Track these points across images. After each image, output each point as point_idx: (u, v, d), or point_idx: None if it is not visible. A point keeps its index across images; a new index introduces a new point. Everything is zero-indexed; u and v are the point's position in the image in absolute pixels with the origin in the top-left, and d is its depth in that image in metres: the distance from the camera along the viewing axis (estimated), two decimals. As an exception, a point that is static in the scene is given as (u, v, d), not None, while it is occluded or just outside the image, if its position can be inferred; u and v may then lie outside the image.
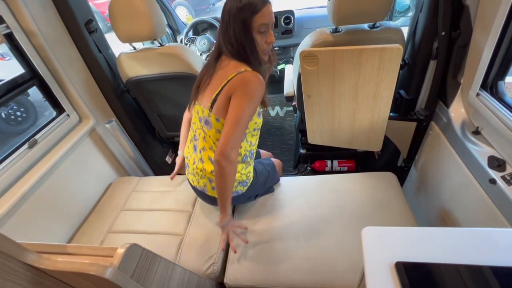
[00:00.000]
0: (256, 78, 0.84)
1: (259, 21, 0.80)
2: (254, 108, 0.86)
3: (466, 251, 0.51)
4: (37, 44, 1.11)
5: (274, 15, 0.84)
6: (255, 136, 1.04)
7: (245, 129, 0.87)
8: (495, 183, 0.81)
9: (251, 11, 0.79)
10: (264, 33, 0.84)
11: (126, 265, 0.50)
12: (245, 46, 0.84)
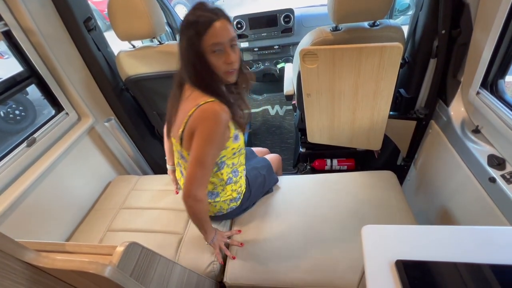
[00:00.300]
0: (213, 112, 0.76)
1: (208, 42, 0.72)
2: (216, 145, 0.80)
3: (465, 250, 0.51)
4: (35, 42, 1.10)
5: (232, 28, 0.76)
6: (237, 156, 0.98)
7: (210, 167, 0.81)
8: (494, 182, 0.81)
9: (198, 32, 0.71)
10: (219, 53, 0.75)
11: (126, 263, 0.49)
12: (200, 71, 0.77)
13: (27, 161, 1.09)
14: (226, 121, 0.79)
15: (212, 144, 0.78)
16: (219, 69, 0.77)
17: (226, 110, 0.78)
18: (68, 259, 0.45)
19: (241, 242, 1.03)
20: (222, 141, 0.82)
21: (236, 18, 2.15)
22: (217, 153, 0.83)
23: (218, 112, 0.76)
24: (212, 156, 0.80)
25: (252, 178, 1.12)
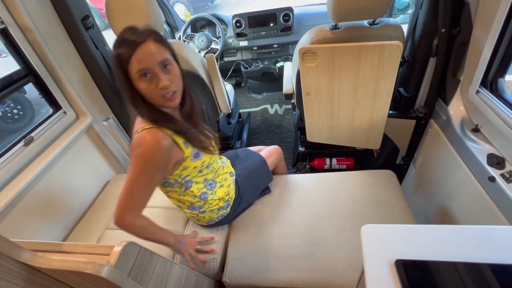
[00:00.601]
0: (144, 141, 0.73)
1: (135, 68, 0.68)
2: (148, 174, 0.75)
3: (465, 249, 0.51)
4: (32, 40, 1.09)
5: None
6: (209, 171, 0.94)
7: (142, 194, 0.77)
8: (494, 181, 0.80)
9: (122, 58, 0.68)
10: (150, 78, 0.70)
11: (123, 263, 0.49)
12: (133, 100, 0.73)
13: (25, 160, 1.08)
14: (162, 149, 0.74)
15: (141, 173, 0.74)
16: (154, 95, 0.72)
17: (163, 137, 0.74)
18: (64, 259, 0.44)
19: (212, 249, 1.00)
20: (157, 168, 0.76)
21: (235, 17, 2.14)
22: (153, 179, 0.78)
23: (150, 141, 0.73)
24: (143, 183, 0.76)
25: (243, 182, 1.10)
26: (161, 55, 0.70)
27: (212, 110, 1.47)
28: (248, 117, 2.30)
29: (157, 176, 0.78)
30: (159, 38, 0.72)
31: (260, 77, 2.48)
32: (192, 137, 0.83)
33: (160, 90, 0.71)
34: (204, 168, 0.91)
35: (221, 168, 1.03)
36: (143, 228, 0.81)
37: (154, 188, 0.80)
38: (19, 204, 1.02)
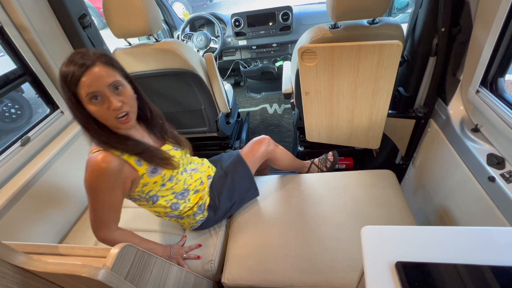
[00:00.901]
0: (92, 165, 0.74)
1: (84, 91, 0.67)
2: (103, 195, 0.76)
3: (466, 251, 0.50)
4: (29, 39, 1.08)
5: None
6: (173, 183, 0.92)
7: (106, 211, 0.79)
8: (494, 181, 0.80)
9: (71, 82, 0.67)
10: (101, 101, 0.69)
11: (120, 266, 0.48)
12: (83, 121, 0.73)
13: (21, 160, 1.07)
14: (107, 173, 0.74)
15: (95, 196, 0.76)
16: (107, 117, 0.72)
17: (110, 160, 0.74)
18: (60, 262, 0.44)
19: (198, 256, 1.01)
20: (108, 190, 0.76)
21: (234, 16, 2.13)
22: (110, 199, 0.78)
23: (95, 165, 0.73)
24: (102, 204, 0.77)
25: (217, 184, 1.07)
26: (110, 77, 0.70)
27: (211, 110, 1.47)
28: (247, 117, 2.29)
29: (113, 195, 0.78)
30: (109, 61, 0.72)
31: (259, 77, 2.47)
32: (146, 156, 0.82)
33: (113, 112, 0.71)
34: (166, 181, 0.89)
35: (189, 177, 0.99)
36: (118, 239, 0.82)
37: (117, 205, 0.81)
38: (16, 205, 1.01)
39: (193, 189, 1.01)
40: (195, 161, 1.10)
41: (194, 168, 1.05)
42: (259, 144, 1.17)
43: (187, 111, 1.49)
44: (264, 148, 1.17)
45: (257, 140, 1.19)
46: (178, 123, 1.56)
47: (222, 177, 1.09)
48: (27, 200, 1.05)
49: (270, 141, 1.21)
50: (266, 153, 1.19)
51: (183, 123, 1.56)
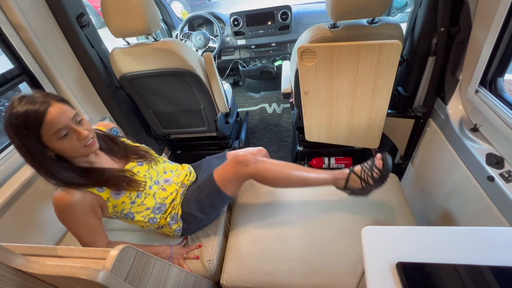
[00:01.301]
0: (56, 202, 0.76)
1: (50, 131, 0.68)
2: (76, 224, 0.79)
3: (466, 251, 0.50)
4: (26, 39, 1.07)
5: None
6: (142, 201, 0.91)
7: (89, 236, 0.81)
8: (493, 181, 0.80)
9: (32, 124, 0.66)
10: (69, 135, 0.72)
11: (119, 267, 0.48)
12: (47, 167, 0.74)
13: (17, 162, 1.06)
14: (74, 203, 0.77)
15: (71, 225, 0.79)
16: (76, 148, 0.75)
17: (72, 193, 0.77)
18: (58, 265, 0.43)
19: (197, 256, 1.01)
20: (82, 217, 0.79)
21: (233, 15, 2.12)
22: (86, 226, 0.81)
23: (61, 200, 0.76)
24: (80, 231, 0.80)
25: (188, 196, 1.04)
26: (70, 112, 0.73)
27: (210, 110, 1.46)
28: (246, 116, 2.29)
29: (88, 221, 0.80)
30: (60, 98, 0.74)
31: (258, 76, 2.46)
32: (111, 184, 0.84)
33: (82, 141, 0.75)
34: (135, 198, 0.89)
35: (160, 190, 0.97)
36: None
37: (96, 228, 0.83)
38: (13, 207, 1.00)
39: (169, 202, 0.99)
40: (172, 168, 1.08)
41: (167, 179, 1.02)
42: (234, 165, 0.97)
43: (186, 111, 1.48)
44: (238, 170, 0.96)
45: (233, 160, 0.98)
46: (177, 123, 1.55)
47: (195, 191, 1.04)
48: (24, 201, 1.04)
49: (249, 162, 0.95)
50: (243, 175, 0.97)
51: (182, 123, 1.55)
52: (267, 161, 0.98)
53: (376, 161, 0.95)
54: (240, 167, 0.96)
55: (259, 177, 0.96)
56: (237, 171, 0.96)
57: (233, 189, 1.02)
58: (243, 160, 0.95)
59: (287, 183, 0.97)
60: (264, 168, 0.95)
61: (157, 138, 1.70)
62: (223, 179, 0.99)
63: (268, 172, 0.95)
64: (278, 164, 0.97)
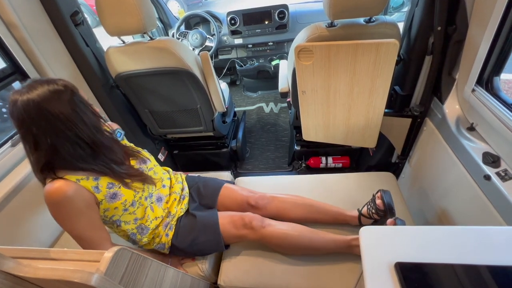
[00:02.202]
0: (50, 199, 0.71)
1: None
2: (78, 221, 0.74)
3: (464, 250, 0.50)
4: (19, 37, 1.05)
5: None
6: (134, 210, 0.87)
7: (89, 233, 0.77)
8: (489, 179, 0.81)
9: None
10: None
11: (114, 270, 0.47)
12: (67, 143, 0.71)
13: (12, 161, 1.04)
14: (70, 198, 0.72)
15: (69, 223, 0.75)
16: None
17: (67, 188, 0.72)
18: (51, 268, 0.42)
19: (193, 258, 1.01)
20: (82, 212, 0.75)
21: (230, 14, 2.11)
22: (88, 219, 0.77)
23: (54, 196, 0.71)
24: (80, 228, 0.76)
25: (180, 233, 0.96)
26: None
27: (207, 109, 1.45)
28: (243, 116, 2.28)
29: (89, 216, 0.76)
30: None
31: (255, 75, 2.45)
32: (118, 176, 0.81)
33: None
34: (128, 206, 0.85)
35: (149, 209, 0.92)
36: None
37: (98, 223, 0.79)
38: (6, 208, 0.98)
39: (152, 228, 0.92)
40: (167, 184, 1.01)
41: (160, 197, 0.96)
42: (239, 227, 0.96)
43: (182, 111, 1.47)
44: (243, 233, 0.95)
45: (240, 222, 0.96)
46: (174, 123, 1.54)
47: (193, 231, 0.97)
48: (17, 202, 1.02)
49: (256, 227, 0.93)
50: (247, 238, 0.97)
51: (178, 123, 1.54)
52: (275, 225, 0.95)
53: (377, 200, 0.96)
54: (245, 229, 0.95)
55: (263, 242, 0.95)
56: (240, 231, 0.95)
57: (231, 241, 1.01)
58: (249, 223, 0.94)
59: (295, 251, 0.95)
60: (269, 235, 0.93)
61: (154, 138, 1.69)
62: (225, 232, 0.96)
63: (272, 240, 0.94)
64: (285, 229, 0.94)
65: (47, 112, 0.67)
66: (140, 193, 0.88)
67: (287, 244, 0.93)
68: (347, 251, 0.93)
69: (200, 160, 1.83)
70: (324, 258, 0.93)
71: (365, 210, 0.98)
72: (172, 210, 0.98)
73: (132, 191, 0.85)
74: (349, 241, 0.92)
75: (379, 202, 0.94)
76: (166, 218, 0.96)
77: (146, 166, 0.95)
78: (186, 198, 1.05)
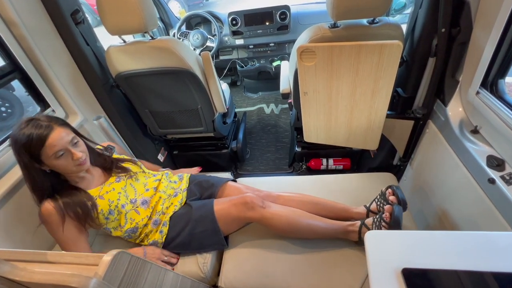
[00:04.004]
0: (42, 214, 0.86)
1: (50, 152, 0.80)
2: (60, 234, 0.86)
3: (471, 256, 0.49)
4: (18, 35, 1.04)
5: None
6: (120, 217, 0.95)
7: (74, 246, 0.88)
8: (494, 183, 0.79)
9: (34, 145, 0.78)
10: (65, 155, 0.83)
11: (113, 274, 0.46)
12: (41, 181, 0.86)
13: (10, 161, 1.03)
14: (55, 209, 0.85)
15: (56, 236, 0.88)
16: (70, 166, 0.86)
17: (54, 201, 0.86)
18: (48, 272, 0.41)
19: (177, 256, 1.00)
20: (64, 225, 0.86)
21: (231, 15, 2.10)
22: (72, 233, 0.88)
23: (44, 210, 0.86)
24: (64, 240, 0.88)
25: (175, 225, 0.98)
26: (70, 135, 0.85)
27: (208, 110, 1.44)
28: (244, 117, 2.27)
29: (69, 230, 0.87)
30: (62, 122, 0.86)
31: (256, 76, 2.44)
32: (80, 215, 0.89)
33: (75, 161, 0.85)
34: (108, 215, 0.94)
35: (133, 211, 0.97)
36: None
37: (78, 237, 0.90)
38: (4, 208, 0.97)
39: (141, 226, 0.98)
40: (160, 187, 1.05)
41: (145, 200, 1.00)
42: (239, 205, 0.95)
43: (183, 111, 1.46)
44: (243, 212, 0.94)
45: (240, 200, 0.96)
46: (174, 123, 1.53)
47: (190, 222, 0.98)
48: (14, 203, 1.01)
49: (256, 206, 0.93)
50: (246, 219, 0.96)
51: (178, 123, 1.53)
52: (275, 206, 0.97)
53: (385, 213, 0.93)
54: (245, 209, 0.94)
55: (263, 223, 0.95)
56: (241, 212, 0.94)
57: (231, 229, 1.02)
58: (250, 202, 0.94)
59: (293, 231, 0.95)
60: (270, 214, 0.93)
61: (154, 138, 1.67)
62: (224, 216, 0.96)
63: (273, 218, 0.93)
64: (285, 211, 0.95)
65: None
66: (115, 202, 0.94)
67: (286, 225, 0.93)
68: (344, 236, 0.96)
69: (200, 161, 1.82)
70: (326, 259, 0.92)
71: (369, 222, 0.94)
72: (157, 207, 1.01)
73: (106, 201, 0.93)
74: (346, 226, 0.95)
75: (386, 215, 0.91)
76: (154, 216, 1.00)
77: (125, 175, 1.03)
78: (179, 194, 1.07)
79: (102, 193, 0.95)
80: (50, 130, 0.80)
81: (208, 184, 1.12)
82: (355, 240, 0.95)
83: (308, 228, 0.94)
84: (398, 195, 0.96)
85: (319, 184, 1.21)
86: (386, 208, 0.93)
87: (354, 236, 0.94)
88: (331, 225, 0.95)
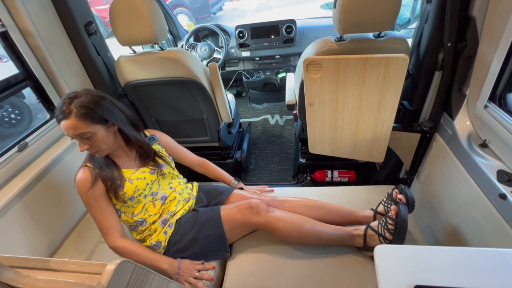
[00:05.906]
0: (75, 181, 0.91)
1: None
2: (92, 204, 0.90)
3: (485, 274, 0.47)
4: (33, 44, 1.07)
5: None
6: (137, 205, 0.96)
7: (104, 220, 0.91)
8: (505, 198, 0.77)
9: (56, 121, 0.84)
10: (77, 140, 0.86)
11: (116, 283, 0.45)
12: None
13: (18, 166, 1.04)
14: (84, 183, 0.90)
15: (86, 204, 0.91)
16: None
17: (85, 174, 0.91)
18: (51, 280, 0.40)
19: (212, 277, 0.93)
20: (94, 198, 0.90)
21: (238, 28, 2.16)
22: (99, 205, 0.91)
23: (79, 176, 0.92)
24: (94, 212, 0.91)
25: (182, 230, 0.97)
26: (79, 130, 0.82)
27: (213, 119, 1.45)
28: (248, 127, 2.28)
29: (100, 203, 0.91)
30: (83, 112, 0.81)
31: (261, 88, 2.47)
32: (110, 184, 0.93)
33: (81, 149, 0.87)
34: (127, 199, 0.94)
35: (150, 203, 0.98)
36: (130, 252, 0.90)
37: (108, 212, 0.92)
38: (8, 213, 0.97)
39: (150, 222, 0.98)
40: (179, 190, 1.07)
41: (165, 196, 1.01)
42: (245, 210, 0.94)
43: (188, 120, 1.47)
44: (249, 217, 0.94)
45: (245, 205, 0.95)
46: (179, 132, 1.54)
47: (196, 226, 0.97)
48: (20, 208, 1.01)
49: (262, 210, 0.93)
50: (252, 224, 0.95)
51: (184, 133, 1.54)
52: (279, 212, 0.97)
53: (391, 212, 0.92)
54: (251, 214, 0.94)
55: (268, 227, 0.94)
56: (246, 217, 0.94)
57: (236, 235, 1.01)
58: (255, 207, 0.94)
59: (298, 236, 0.94)
60: (275, 218, 0.93)
61: (159, 146, 1.68)
62: (230, 221, 0.95)
63: (278, 223, 0.93)
64: (290, 216, 0.95)
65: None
66: (140, 190, 0.95)
67: (291, 230, 0.92)
68: (349, 242, 0.94)
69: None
70: (333, 275, 0.89)
71: (375, 224, 0.93)
72: (171, 207, 1.02)
73: (133, 186, 0.94)
74: (351, 230, 0.94)
75: (392, 213, 0.91)
76: (164, 215, 1.00)
77: (159, 170, 1.02)
78: (191, 200, 1.08)
79: (133, 177, 0.95)
80: (64, 117, 0.80)
81: (217, 193, 1.13)
82: (361, 245, 0.93)
83: (313, 234, 0.93)
84: (407, 193, 0.94)
85: (324, 196, 1.19)
86: (393, 208, 0.92)
87: (360, 241, 0.92)
88: (336, 230, 0.94)
